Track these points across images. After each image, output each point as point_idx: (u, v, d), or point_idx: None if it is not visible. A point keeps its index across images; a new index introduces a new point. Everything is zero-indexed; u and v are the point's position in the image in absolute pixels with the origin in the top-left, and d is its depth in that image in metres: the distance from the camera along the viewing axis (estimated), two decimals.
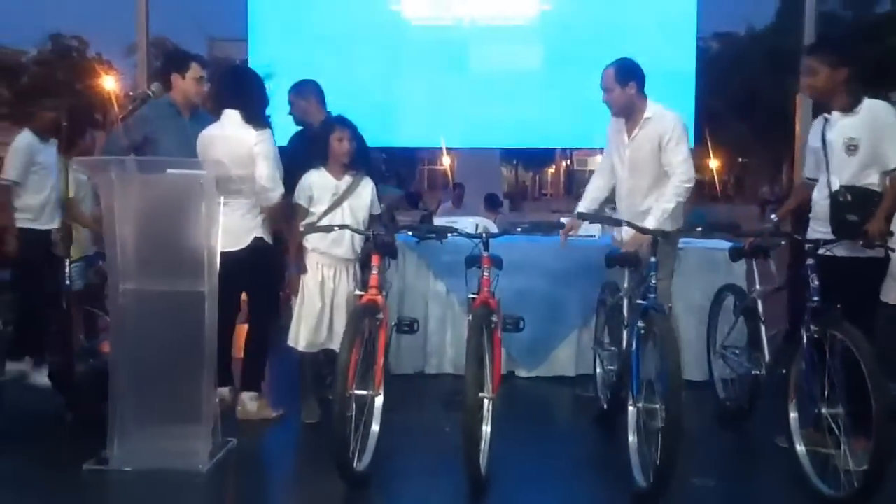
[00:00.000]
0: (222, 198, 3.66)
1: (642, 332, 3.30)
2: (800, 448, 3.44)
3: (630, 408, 3.41)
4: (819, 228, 3.70)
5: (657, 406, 3.16)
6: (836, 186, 3.64)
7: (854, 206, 3.58)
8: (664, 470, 3.01)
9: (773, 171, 40.76)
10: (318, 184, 4.13)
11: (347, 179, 4.16)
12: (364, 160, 4.33)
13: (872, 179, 3.62)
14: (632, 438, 3.37)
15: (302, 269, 4.12)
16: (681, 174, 4.00)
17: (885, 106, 3.64)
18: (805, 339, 3.34)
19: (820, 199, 3.76)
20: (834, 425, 3.21)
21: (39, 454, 3.67)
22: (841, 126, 3.66)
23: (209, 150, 4.04)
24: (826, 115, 3.75)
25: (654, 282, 3.41)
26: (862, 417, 3.14)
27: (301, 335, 4.11)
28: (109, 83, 25.91)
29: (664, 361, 3.07)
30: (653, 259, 3.45)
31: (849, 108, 3.65)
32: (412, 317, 4.06)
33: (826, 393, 3.22)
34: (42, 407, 4.28)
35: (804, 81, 3.79)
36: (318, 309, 4.09)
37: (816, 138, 3.79)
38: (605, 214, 4.08)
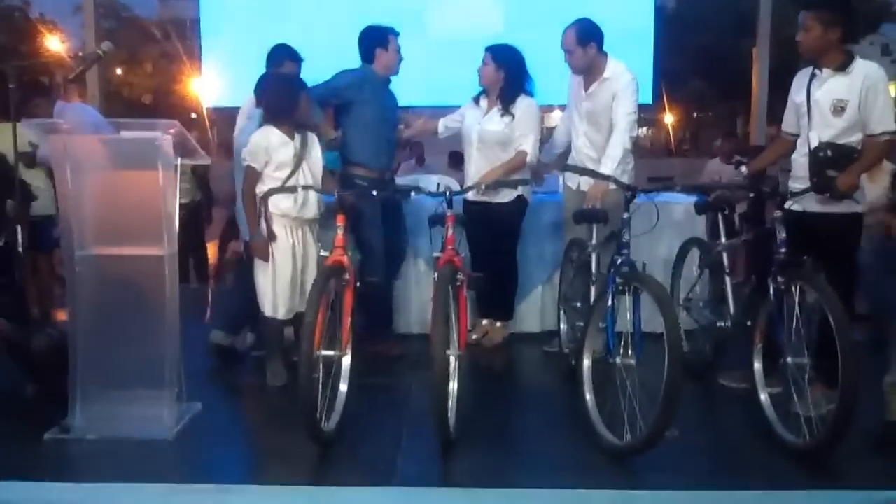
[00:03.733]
0: (179, 159, 3.55)
1: (620, 287, 3.29)
2: (763, 397, 3.50)
3: (585, 362, 3.44)
4: (797, 186, 3.68)
5: (633, 361, 3.18)
6: (815, 143, 3.63)
7: (834, 163, 3.57)
8: (660, 426, 3.01)
9: (729, 126, 41.21)
10: (276, 145, 3.99)
11: (298, 137, 4.05)
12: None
13: (853, 139, 3.60)
14: (589, 396, 3.41)
15: (271, 236, 4.01)
16: (623, 125, 4.26)
17: (877, 69, 3.59)
18: (772, 291, 3.37)
19: (798, 157, 3.76)
20: (798, 374, 3.27)
21: None
22: (830, 85, 3.62)
23: None
24: (816, 70, 3.68)
25: (626, 238, 3.41)
26: (825, 366, 3.21)
27: (280, 303, 4.03)
28: (55, 44, 25.13)
29: (664, 319, 3.06)
30: (625, 215, 3.45)
31: (840, 67, 3.60)
32: (377, 278, 4.05)
33: (792, 343, 3.27)
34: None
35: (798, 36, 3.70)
36: (290, 275, 4.02)
37: (800, 93, 3.74)
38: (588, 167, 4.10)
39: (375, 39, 4.59)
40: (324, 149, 4.25)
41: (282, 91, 4.04)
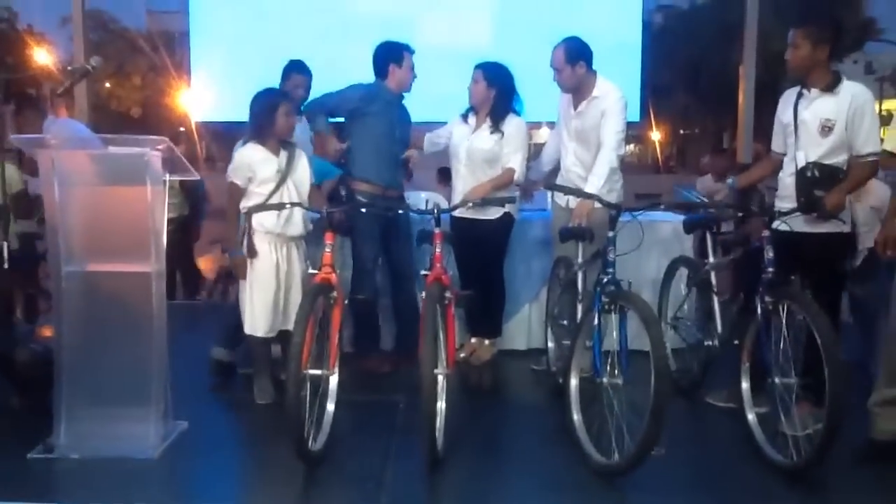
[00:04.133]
0: (167, 175, 3.55)
1: (606, 306, 3.30)
2: (750, 416, 3.50)
3: (572, 381, 3.45)
4: (784, 206, 3.69)
5: (620, 381, 3.19)
6: (802, 163, 3.66)
7: (821, 183, 3.59)
8: (647, 444, 3.01)
9: (715, 143, 41.46)
10: (259, 161, 3.99)
11: (284, 154, 4.04)
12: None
13: (840, 159, 3.63)
14: (576, 415, 3.41)
15: (252, 253, 4.01)
16: (611, 143, 4.26)
17: (865, 90, 3.62)
18: (760, 310, 3.39)
19: (785, 177, 3.78)
20: (785, 394, 3.29)
21: None
22: (818, 105, 3.64)
23: None
24: (803, 90, 3.70)
25: (612, 256, 3.42)
26: (811, 385, 3.23)
27: (259, 322, 4.01)
28: (42, 56, 25.06)
29: (651, 339, 3.06)
30: (610, 234, 3.46)
31: (828, 87, 3.62)
32: (365, 296, 4.04)
33: (779, 362, 3.28)
34: None
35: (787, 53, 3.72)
36: (273, 293, 4.00)
37: (787, 112, 3.76)
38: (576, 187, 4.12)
39: (390, 55, 4.59)
40: (322, 160, 4.24)
41: (261, 108, 4.01)
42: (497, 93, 4.61)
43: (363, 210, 4.09)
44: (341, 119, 4.70)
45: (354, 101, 4.53)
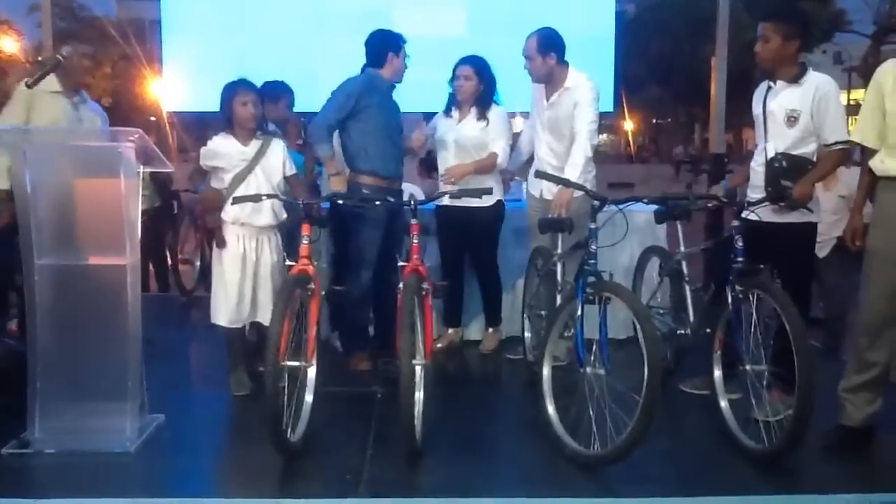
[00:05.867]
0: (142, 167, 3.52)
1: (590, 297, 3.33)
2: (723, 403, 3.56)
3: (545, 370, 3.49)
4: (755, 195, 3.75)
5: (602, 371, 3.23)
6: (772, 153, 3.72)
7: (789, 173, 3.65)
8: (636, 437, 3.04)
9: (687, 133, 41.86)
10: (224, 151, 4.00)
11: (256, 144, 4.03)
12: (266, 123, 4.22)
13: (808, 149, 3.70)
14: (550, 404, 3.45)
15: (220, 243, 4.01)
16: (584, 133, 4.29)
17: (829, 80, 3.68)
18: (730, 299, 3.44)
19: (756, 166, 3.85)
20: (757, 381, 3.34)
21: None
22: (783, 96, 3.71)
23: None
24: (770, 82, 3.77)
25: (594, 247, 3.44)
26: (782, 372, 3.29)
27: (222, 311, 4.01)
28: (9, 45, 24.63)
29: (642, 331, 3.12)
30: (592, 225, 3.49)
31: (794, 79, 3.68)
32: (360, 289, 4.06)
33: (750, 350, 3.34)
34: None
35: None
36: (238, 283, 3.99)
37: (758, 105, 3.81)
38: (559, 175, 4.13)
39: (389, 44, 4.49)
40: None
41: (222, 99, 4.02)
42: (485, 85, 4.68)
43: (339, 202, 4.08)
44: None
45: (355, 99, 4.37)
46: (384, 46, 4.50)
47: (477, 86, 4.66)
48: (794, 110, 3.66)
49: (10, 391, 3.64)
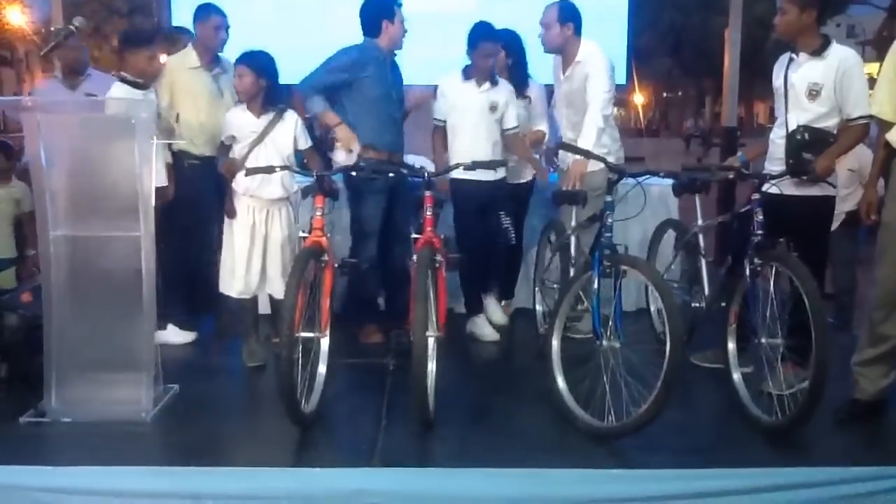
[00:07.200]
0: (155, 137, 3.52)
1: (607, 270, 3.32)
2: (736, 376, 3.56)
3: (554, 342, 3.48)
4: (774, 168, 3.72)
5: (617, 344, 3.23)
6: (793, 126, 3.67)
7: (811, 146, 3.61)
8: (655, 410, 3.06)
9: (697, 106, 41.54)
10: (238, 122, 4.03)
11: (268, 116, 4.02)
12: (279, 96, 4.14)
13: (830, 123, 3.65)
14: (559, 376, 3.45)
15: (230, 213, 4.02)
16: (597, 103, 4.27)
17: (853, 54, 3.63)
18: (748, 272, 3.42)
19: (776, 139, 3.80)
20: (771, 354, 3.34)
21: None
22: (806, 69, 3.65)
23: None
24: (792, 54, 3.71)
25: (610, 220, 3.43)
26: (796, 346, 3.29)
27: (230, 282, 4.04)
28: (17, 17, 24.53)
29: (665, 304, 3.14)
30: (608, 198, 3.47)
31: (816, 51, 3.62)
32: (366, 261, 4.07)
33: (766, 323, 3.33)
34: None
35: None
36: (246, 253, 4.01)
37: (779, 77, 3.76)
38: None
39: (382, 11, 4.39)
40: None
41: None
42: (514, 60, 4.70)
43: (353, 174, 4.05)
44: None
45: (348, 68, 4.34)
46: (377, 15, 4.40)
47: (505, 60, 4.67)
48: (817, 84, 3.60)
49: (25, 361, 3.68)
